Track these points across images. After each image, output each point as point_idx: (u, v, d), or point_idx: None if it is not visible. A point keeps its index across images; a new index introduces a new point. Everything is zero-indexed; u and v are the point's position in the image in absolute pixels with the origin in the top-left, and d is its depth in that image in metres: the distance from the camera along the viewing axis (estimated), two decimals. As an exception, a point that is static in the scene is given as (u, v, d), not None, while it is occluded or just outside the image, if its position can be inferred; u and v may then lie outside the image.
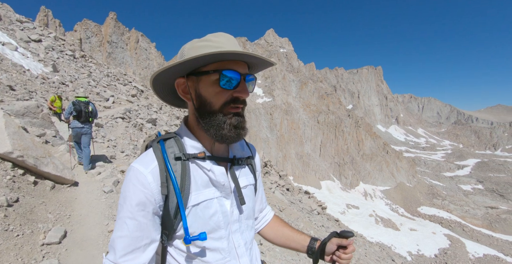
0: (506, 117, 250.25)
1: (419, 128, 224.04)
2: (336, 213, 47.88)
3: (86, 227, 3.88)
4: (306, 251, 1.19)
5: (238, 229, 1.02)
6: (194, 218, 0.91)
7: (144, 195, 0.84)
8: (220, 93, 0.88)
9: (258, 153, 1.28)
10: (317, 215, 17.38)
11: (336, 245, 1.10)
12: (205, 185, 0.94)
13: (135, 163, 0.88)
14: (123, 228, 0.84)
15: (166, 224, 0.91)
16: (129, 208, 0.84)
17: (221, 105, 0.89)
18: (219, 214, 0.95)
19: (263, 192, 1.30)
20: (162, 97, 1.04)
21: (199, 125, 0.94)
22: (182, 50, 0.92)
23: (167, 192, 0.87)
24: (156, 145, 0.93)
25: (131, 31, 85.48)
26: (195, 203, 0.90)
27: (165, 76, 0.92)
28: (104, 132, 10.05)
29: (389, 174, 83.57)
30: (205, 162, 0.94)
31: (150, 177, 0.85)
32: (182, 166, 0.90)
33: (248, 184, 1.09)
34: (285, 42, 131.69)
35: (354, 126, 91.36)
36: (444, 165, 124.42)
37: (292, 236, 1.25)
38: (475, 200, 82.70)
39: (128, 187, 0.85)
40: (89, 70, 20.13)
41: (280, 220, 1.33)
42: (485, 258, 37.56)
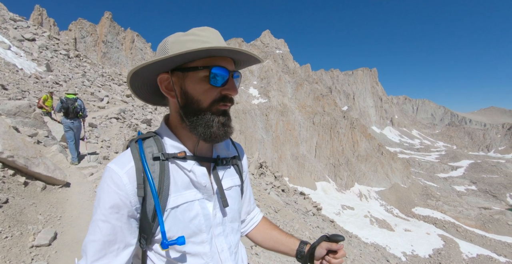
0: (499, 119, 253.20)
1: (413, 130, 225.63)
2: (331, 214, 48.00)
3: (77, 229, 3.80)
4: (295, 255, 1.14)
5: (222, 232, 0.97)
6: (173, 221, 0.86)
7: (118, 197, 0.80)
8: (209, 90, 0.85)
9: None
10: (312, 216, 17.39)
11: (325, 249, 1.05)
12: (185, 186, 0.89)
13: (111, 164, 0.84)
14: (95, 232, 0.79)
15: (144, 227, 0.86)
16: (103, 211, 0.79)
17: (210, 103, 0.86)
18: (200, 217, 0.90)
19: (251, 193, 1.25)
20: (139, 94, 0.96)
21: (183, 124, 0.90)
22: (165, 43, 0.86)
23: (144, 194, 0.82)
24: (134, 144, 0.89)
25: (127, 31, 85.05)
26: (174, 206, 0.86)
27: (146, 71, 0.85)
28: (98, 132, 9.96)
29: (384, 175, 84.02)
30: (186, 162, 0.89)
31: (125, 178, 0.81)
32: (161, 166, 0.85)
33: (233, 185, 1.04)
34: (281, 43, 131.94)
35: (349, 128, 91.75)
36: (438, 166, 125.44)
37: (281, 239, 1.20)
38: (469, 201, 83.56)
39: (102, 189, 0.81)
40: (83, 70, 19.97)
41: (269, 223, 1.29)
42: (478, 258, 37.90)
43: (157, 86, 0.94)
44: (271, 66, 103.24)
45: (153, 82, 0.93)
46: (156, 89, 0.95)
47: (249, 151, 65.65)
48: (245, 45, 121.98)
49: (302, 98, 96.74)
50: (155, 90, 0.97)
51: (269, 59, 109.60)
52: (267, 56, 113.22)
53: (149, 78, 0.91)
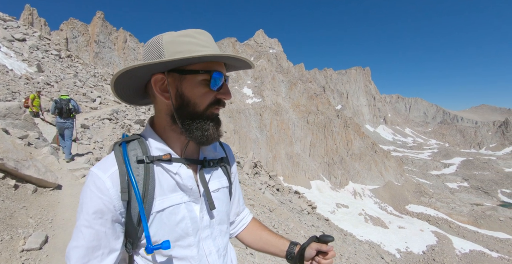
0: (490, 117, 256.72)
1: (406, 128, 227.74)
2: (326, 212, 48.23)
3: (69, 232, 3.70)
4: (285, 256, 1.13)
5: (210, 235, 0.96)
6: (159, 225, 0.85)
7: (102, 201, 0.78)
8: (206, 94, 0.85)
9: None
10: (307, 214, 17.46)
11: (315, 250, 1.05)
12: (171, 189, 0.88)
13: (94, 168, 0.83)
14: (78, 238, 0.78)
15: (129, 232, 0.85)
16: (86, 216, 0.78)
17: (206, 106, 0.86)
18: (187, 220, 0.89)
19: (240, 194, 1.24)
20: (120, 93, 0.92)
21: (173, 126, 0.88)
22: (158, 41, 0.83)
23: (128, 198, 0.81)
24: (117, 148, 0.87)
25: (119, 31, 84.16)
26: (159, 209, 0.84)
27: (140, 70, 0.83)
28: (90, 133, 9.86)
29: (378, 173, 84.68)
30: (171, 165, 0.88)
31: (108, 183, 0.79)
32: (145, 169, 0.84)
33: (221, 187, 1.02)
34: (275, 42, 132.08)
35: (343, 126, 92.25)
36: (430, 164, 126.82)
37: (270, 240, 1.19)
38: (461, 198, 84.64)
39: (85, 194, 0.80)
40: (75, 70, 19.72)
41: (258, 224, 1.28)
42: (471, 254, 38.40)
43: (142, 85, 0.93)
44: (265, 65, 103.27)
45: (141, 81, 0.91)
46: (138, 88, 0.94)
47: (244, 151, 65.64)
48: (238, 44, 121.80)
49: (296, 98, 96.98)
50: (137, 89, 0.95)
51: (262, 58, 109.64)
52: (260, 55, 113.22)
53: (140, 77, 0.89)
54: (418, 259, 37.22)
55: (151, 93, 0.91)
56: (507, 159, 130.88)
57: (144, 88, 0.95)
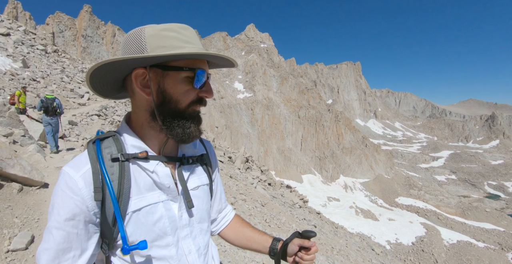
0: (477, 111, 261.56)
1: (396, 122, 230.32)
2: (317, 206, 48.67)
3: None
4: (268, 252, 1.12)
5: (189, 234, 0.95)
6: (135, 225, 0.82)
7: (73, 202, 0.75)
8: (189, 91, 0.83)
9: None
10: (299, 208, 17.60)
11: (298, 245, 1.05)
12: (148, 188, 0.85)
13: (66, 167, 0.79)
14: (49, 240, 0.75)
15: (105, 232, 0.82)
16: (56, 217, 0.75)
17: (188, 104, 0.84)
18: (165, 219, 0.87)
19: (222, 191, 1.22)
20: (95, 86, 0.88)
21: (152, 123, 0.85)
22: (140, 34, 0.79)
23: (101, 198, 0.78)
24: (91, 145, 0.83)
25: (107, 25, 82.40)
26: (136, 209, 0.81)
27: (121, 64, 0.80)
28: (78, 130, 9.70)
29: (368, 166, 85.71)
30: (148, 163, 0.85)
31: (81, 182, 0.76)
32: (120, 168, 0.80)
33: (200, 185, 1.00)
34: (266, 37, 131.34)
35: (334, 121, 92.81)
36: (419, 157, 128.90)
37: (253, 237, 1.18)
38: (449, 190, 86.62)
39: (56, 194, 0.76)
40: (62, 66, 19.30)
41: (241, 221, 1.27)
42: (458, 244, 39.30)
43: (120, 79, 0.89)
44: (256, 60, 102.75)
45: (120, 75, 0.87)
46: (116, 81, 0.90)
47: (235, 146, 65.55)
48: (229, 39, 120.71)
49: (287, 92, 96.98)
50: (114, 83, 0.91)
51: (254, 53, 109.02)
52: (252, 50, 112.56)
53: (119, 71, 0.84)
54: (407, 250, 37.96)
55: (130, 88, 0.87)
56: (493, 152, 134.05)
57: (122, 82, 0.91)
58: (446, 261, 35.41)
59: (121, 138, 0.87)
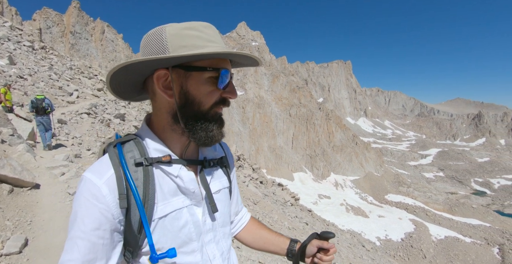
0: (464, 110, 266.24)
1: (386, 120, 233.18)
2: (308, 203, 48.94)
3: (50, 234, 3.57)
4: (285, 254, 1.11)
5: (213, 239, 0.92)
6: (162, 232, 0.79)
7: (98, 210, 0.71)
8: (213, 92, 0.79)
9: (231, 147, 1.16)
10: (290, 206, 17.72)
11: (316, 247, 1.04)
12: (172, 193, 0.82)
13: (87, 172, 0.75)
14: (73, 250, 0.70)
15: (129, 240, 0.79)
16: (81, 227, 0.70)
17: (211, 105, 0.80)
18: (190, 225, 0.84)
19: (238, 193, 1.20)
20: (115, 89, 0.85)
21: (174, 126, 0.82)
22: (161, 33, 0.76)
23: (127, 205, 0.74)
24: (112, 149, 0.80)
25: (96, 21, 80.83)
26: (162, 215, 0.79)
27: (142, 65, 0.76)
28: (68, 129, 9.53)
29: (358, 164, 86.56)
30: (172, 167, 0.82)
31: (105, 189, 0.72)
32: (145, 172, 0.77)
33: (222, 188, 0.98)
34: (257, 35, 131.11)
35: (324, 119, 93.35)
36: (408, 155, 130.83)
37: (270, 239, 1.16)
38: (437, 187, 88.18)
39: (79, 202, 0.72)
40: (50, 63, 18.89)
41: (257, 223, 1.25)
42: (446, 240, 40.13)
43: (140, 80, 0.86)
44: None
45: (140, 76, 0.84)
46: (136, 83, 0.87)
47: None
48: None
49: (279, 90, 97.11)
50: (135, 85, 0.88)
51: (245, 51, 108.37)
52: (243, 48, 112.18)
53: (140, 73, 0.82)
54: (397, 246, 38.61)
55: (151, 90, 0.84)
56: (479, 150, 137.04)
57: (142, 83, 0.88)
58: (434, 256, 36.15)
59: (143, 142, 0.83)
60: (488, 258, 35.92)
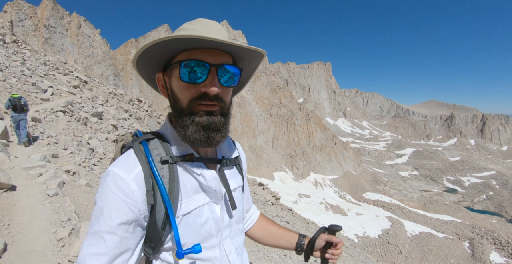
0: (437, 111, 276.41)
1: (363, 121, 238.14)
2: (289, 202, 49.30)
3: (30, 237, 3.44)
4: (295, 248, 1.14)
5: (229, 234, 0.95)
6: (185, 228, 0.81)
7: (126, 205, 0.72)
8: (186, 88, 0.78)
9: None
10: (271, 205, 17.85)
11: (325, 240, 1.07)
12: (195, 190, 0.84)
13: (114, 167, 0.76)
14: (100, 245, 0.69)
15: (152, 236, 0.80)
16: (108, 221, 0.70)
17: (188, 102, 0.79)
18: (210, 221, 0.87)
19: (249, 191, 1.22)
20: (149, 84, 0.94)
21: None
22: None
23: (153, 202, 0.75)
24: (138, 146, 0.81)
25: (72, 15, 77.72)
26: (186, 212, 0.81)
27: (145, 69, 0.83)
28: (42, 127, 9.14)
29: (337, 163, 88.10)
30: (194, 165, 0.84)
31: (133, 185, 0.73)
32: (170, 170, 0.79)
33: (237, 186, 1.01)
34: (239, 34, 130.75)
35: (305, 119, 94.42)
36: (385, 154, 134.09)
37: (280, 234, 1.20)
38: (412, 185, 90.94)
39: (106, 196, 0.72)
40: (22, 57, 18.03)
41: (266, 219, 1.29)
42: (420, 235, 41.26)
43: None
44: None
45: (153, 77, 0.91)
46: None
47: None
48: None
49: (260, 90, 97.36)
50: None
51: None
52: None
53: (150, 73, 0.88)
54: (374, 243, 39.47)
55: None
56: (451, 150, 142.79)
57: None
58: (409, 252, 37.30)
59: (166, 139, 0.86)
60: (460, 252, 37.44)
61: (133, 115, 19.13)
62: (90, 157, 8.54)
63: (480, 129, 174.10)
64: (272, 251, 8.03)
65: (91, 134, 10.86)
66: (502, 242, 40.81)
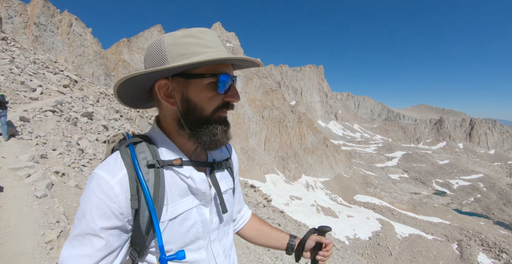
0: (427, 115, 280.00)
1: (355, 124, 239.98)
2: (280, 205, 49.29)
3: (17, 240, 3.37)
4: (285, 249, 1.16)
5: (217, 236, 0.94)
6: (171, 233, 0.80)
7: (109, 209, 0.71)
8: (213, 97, 0.80)
9: None
10: (263, 207, 17.84)
11: (315, 241, 1.10)
12: (183, 194, 0.83)
13: (100, 170, 0.75)
14: (84, 247, 0.70)
15: (136, 240, 0.80)
16: (91, 225, 0.70)
17: (213, 110, 0.81)
18: (198, 224, 0.86)
19: (240, 192, 1.23)
20: (123, 99, 0.86)
21: (180, 131, 0.84)
22: (160, 44, 0.78)
23: (138, 206, 0.75)
24: (124, 149, 0.80)
25: (63, 14, 76.52)
26: (172, 217, 0.80)
27: (142, 77, 0.77)
28: (31, 127, 8.95)
29: (329, 166, 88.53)
30: (183, 168, 0.84)
31: (118, 188, 0.73)
32: (156, 174, 0.78)
33: (228, 189, 1.00)
34: (232, 36, 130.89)
35: (297, 122, 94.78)
36: (376, 157, 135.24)
37: (271, 234, 1.21)
38: (402, 187, 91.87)
39: (90, 199, 0.72)
40: (11, 55, 17.65)
41: (258, 219, 1.30)
42: (410, 237, 41.75)
43: (145, 90, 0.88)
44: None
45: (144, 87, 0.86)
46: (142, 93, 0.89)
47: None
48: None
49: (252, 92, 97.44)
50: (140, 95, 0.90)
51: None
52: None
53: (143, 84, 0.84)
54: (365, 245, 39.69)
55: (156, 98, 0.86)
56: (440, 153, 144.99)
57: (148, 93, 0.90)
58: (399, 253, 37.66)
59: (154, 143, 0.85)
60: (448, 253, 37.96)
61: (124, 115, 18.91)
62: (79, 158, 8.40)
63: (468, 133, 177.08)
64: (264, 254, 8.00)
65: (81, 134, 10.69)
66: (489, 243, 41.52)
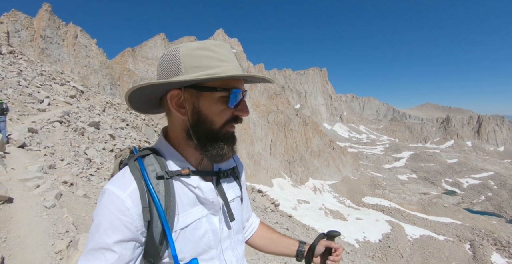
0: (433, 114, 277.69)
1: (360, 125, 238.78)
2: (288, 209, 49.05)
3: (27, 250, 3.39)
4: (295, 255, 1.16)
5: (229, 245, 0.96)
6: (183, 242, 0.82)
7: (122, 223, 0.73)
8: (224, 111, 0.82)
9: None
10: (270, 212, 17.79)
11: (324, 246, 1.11)
12: (192, 204, 0.85)
13: (110, 185, 0.77)
14: (99, 260, 0.71)
15: (150, 251, 0.81)
16: (105, 239, 0.71)
17: (223, 124, 0.83)
18: (209, 233, 0.88)
19: (248, 200, 1.24)
20: (134, 105, 0.89)
21: (189, 142, 0.86)
22: (175, 55, 0.80)
23: (150, 218, 0.77)
24: (133, 163, 0.82)
25: (69, 26, 77.91)
26: (183, 226, 0.82)
27: (155, 87, 0.80)
28: (39, 138, 9.12)
29: (336, 168, 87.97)
30: (190, 179, 0.85)
31: (129, 202, 0.74)
32: (166, 185, 0.80)
33: (235, 197, 1.02)
34: (235, 42, 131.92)
35: (302, 125, 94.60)
36: (383, 158, 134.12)
37: (280, 242, 1.22)
38: (410, 188, 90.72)
39: (102, 214, 0.73)
40: (19, 68, 18.04)
41: (266, 227, 1.31)
42: (421, 239, 41.25)
43: (156, 98, 0.91)
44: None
45: (156, 95, 0.89)
46: (153, 100, 0.92)
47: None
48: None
49: (256, 97, 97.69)
50: (152, 102, 0.92)
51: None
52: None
53: (155, 93, 0.86)
54: (375, 247, 39.31)
55: (166, 106, 0.88)
56: (448, 152, 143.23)
57: (159, 100, 0.92)
58: (410, 255, 37.17)
59: (162, 155, 0.87)
60: (461, 254, 37.37)
61: (130, 124, 19.11)
62: (87, 167, 8.51)
63: (476, 131, 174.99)
64: (273, 259, 7.99)
65: (88, 144, 10.84)
66: (503, 242, 40.74)
